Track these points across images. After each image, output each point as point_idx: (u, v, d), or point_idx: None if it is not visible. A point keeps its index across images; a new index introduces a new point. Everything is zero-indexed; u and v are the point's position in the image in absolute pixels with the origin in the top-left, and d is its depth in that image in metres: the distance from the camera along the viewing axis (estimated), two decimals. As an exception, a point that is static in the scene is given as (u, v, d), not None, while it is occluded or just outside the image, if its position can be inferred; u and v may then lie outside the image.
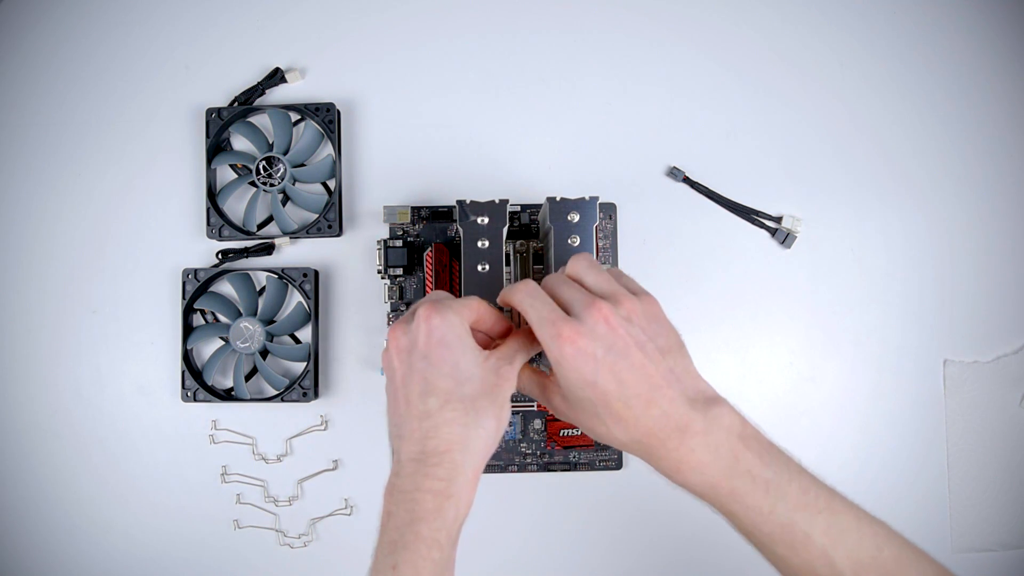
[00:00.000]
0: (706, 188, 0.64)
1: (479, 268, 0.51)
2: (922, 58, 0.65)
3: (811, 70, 0.65)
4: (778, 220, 0.64)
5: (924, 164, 0.64)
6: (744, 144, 0.64)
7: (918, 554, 0.39)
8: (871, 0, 0.65)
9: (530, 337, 0.43)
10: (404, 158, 0.64)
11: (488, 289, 0.51)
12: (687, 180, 0.64)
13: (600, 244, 0.62)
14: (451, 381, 0.40)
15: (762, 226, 0.64)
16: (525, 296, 0.42)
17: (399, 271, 0.61)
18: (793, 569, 0.39)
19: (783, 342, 0.63)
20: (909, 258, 0.64)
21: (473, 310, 0.42)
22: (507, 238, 0.54)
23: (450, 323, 0.40)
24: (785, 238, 0.63)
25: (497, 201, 0.52)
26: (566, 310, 0.40)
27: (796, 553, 0.38)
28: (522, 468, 0.62)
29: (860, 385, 0.63)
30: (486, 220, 0.51)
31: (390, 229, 0.62)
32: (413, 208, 0.61)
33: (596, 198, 0.51)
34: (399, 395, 0.41)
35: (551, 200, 0.51)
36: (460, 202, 0.52)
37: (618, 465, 0.62)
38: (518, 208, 0.62)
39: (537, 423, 0.62)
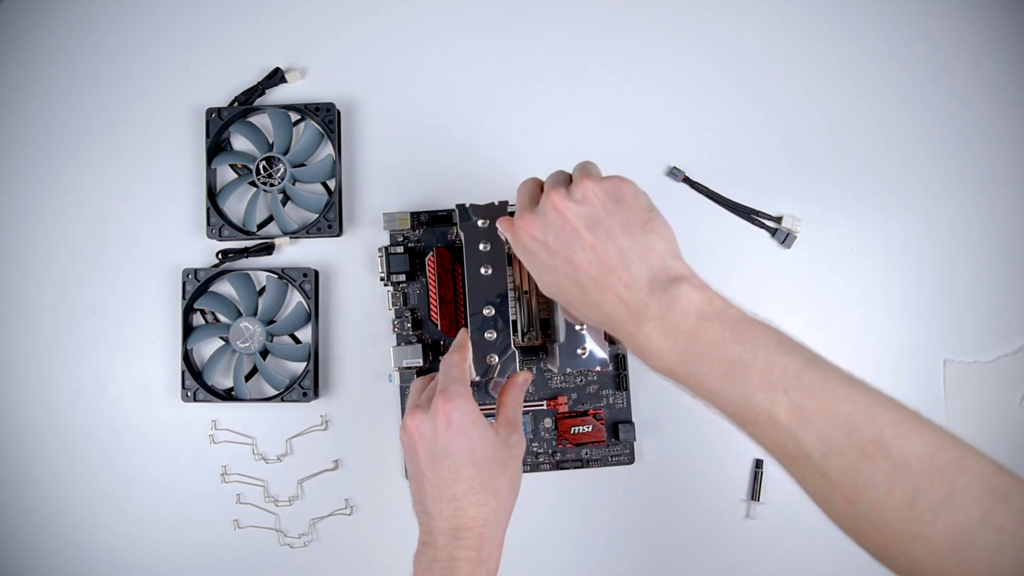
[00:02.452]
0: (706, 188, 0.64)
1: (482, 271, 0.51)
2: (922, 58, 0.65)
3: (811, 70, 0.65)
4: (778, 220, 0.64)
5: (924, 164, 0.64)
6: (744, 144, 0.64)
7: (909, 429, 0.34)
8: (871, 0, 0.65)
9: (520, 388, 0.50)
10: (404, 158, 0.64)
11: (491, 291, 0.51)
12: (687, 180, 0.64)
13: None
14: (472, 468, 0.44)
15: (762, 226, 0.64)
16: (518, 191, 0.45)
17: (402, 277, 0.60)
18: (765, 447, 0.37)
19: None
20: (909, 258, 0.64)
21: (463, 373, 0.47)
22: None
23: (464, 411, 0.44)
24: (785, 238, 0.63)
25: (497, 203, 0.52)
26: None
27: (764, 433, 0.36)
28: (535, 468, 0.62)
29: (860, 385, 0.63)
30: (486, 223, 0.51)
31: (391, 235, 0.62)
32: (412, 214, 0.61)
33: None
34: (424, 479, 0.45)
35: (459, 208, 0.51)
36: (460, 205, 0.51)
37: (630, 460, 0.62)
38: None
39: (548, 422, 0.62)
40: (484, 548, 0.44)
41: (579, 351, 0.51)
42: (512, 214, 0.52)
